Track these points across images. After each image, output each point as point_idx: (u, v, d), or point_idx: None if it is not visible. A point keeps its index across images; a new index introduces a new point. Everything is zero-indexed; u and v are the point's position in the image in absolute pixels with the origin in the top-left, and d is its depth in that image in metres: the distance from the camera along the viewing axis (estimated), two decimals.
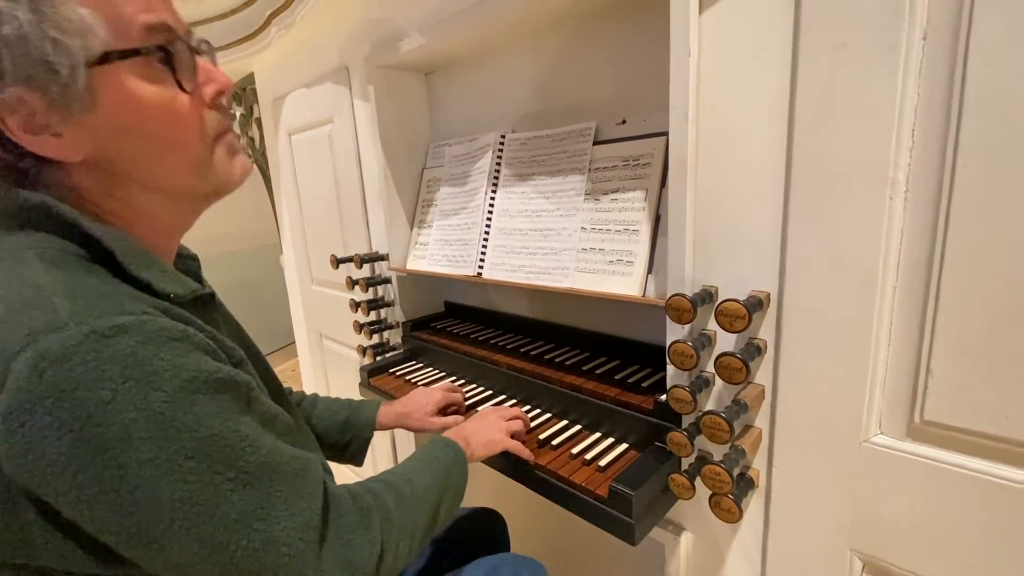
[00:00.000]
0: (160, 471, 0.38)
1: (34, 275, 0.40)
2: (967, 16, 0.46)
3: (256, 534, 0.42)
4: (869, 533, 0.60)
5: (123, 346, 0.38)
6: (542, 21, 0.94)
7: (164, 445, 0.38)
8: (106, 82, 0.44)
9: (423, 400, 0.93)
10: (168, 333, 0.40)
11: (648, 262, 0.78)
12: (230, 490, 0.41)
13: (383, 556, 0.51)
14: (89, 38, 0.42)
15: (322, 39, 1.36)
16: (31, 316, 0.37)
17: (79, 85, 0.42)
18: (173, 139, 0.48)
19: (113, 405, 0.37)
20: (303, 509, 0.46)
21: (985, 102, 0.46)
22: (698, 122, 0.63)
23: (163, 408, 0.38)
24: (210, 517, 0.40)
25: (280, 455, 0.46)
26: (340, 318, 1.57)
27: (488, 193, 1.04)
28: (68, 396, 0.36)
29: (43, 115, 0.42)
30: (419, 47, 1.05)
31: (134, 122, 0.46)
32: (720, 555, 0.75)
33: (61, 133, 0.44)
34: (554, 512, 1.00)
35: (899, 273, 0.53)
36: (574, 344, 1.06)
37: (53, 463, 0.36)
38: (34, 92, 0.41)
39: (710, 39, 0.61)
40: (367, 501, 0.53)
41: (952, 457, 0.53)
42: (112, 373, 0.37)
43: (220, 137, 0.52)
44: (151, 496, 0.38)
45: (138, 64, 0.45)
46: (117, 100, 0.45)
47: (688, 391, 0.65)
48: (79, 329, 0.37)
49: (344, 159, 1.40)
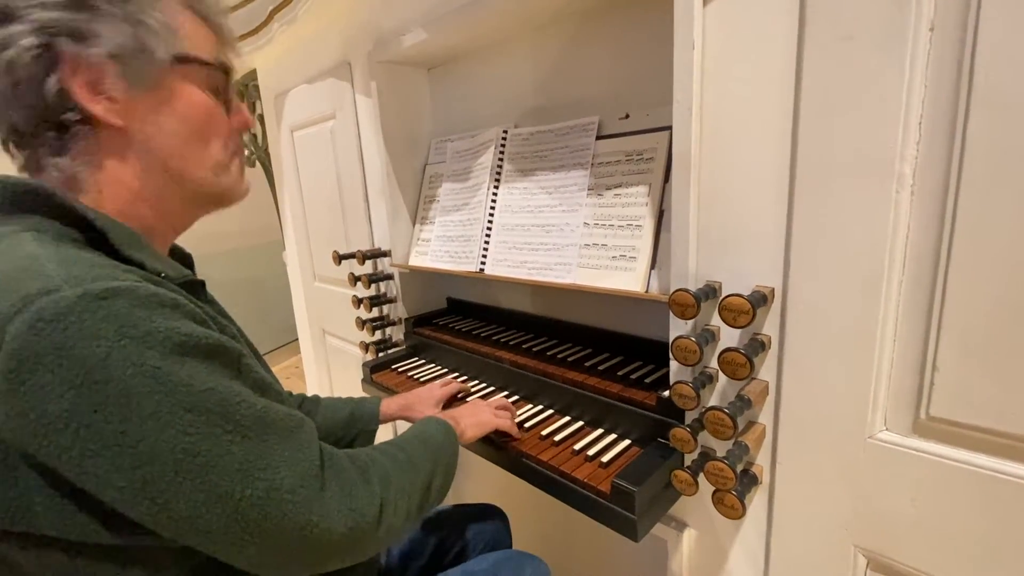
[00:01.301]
0: (161, 424, 0.39)
1: (28, 248, 0.42)
2: (975, 7, 0.45)
3: (259, 483, 0.43)
4: (873, 529, 0.59)
5: (117, 307, 0.39)
6: (545, 15, 0.93)
7: (163, 400, 0.39)
8: (174, 74, 0.52)
9: (426, 393, 0.96)
10: (159, 299, 0.42)
11: (651, 257, 0.78)
12: (229, 441, 0.42)
13: (383, 510, 0.52)
14: (182, 41, 0.52)
15: (324, 35, 1.36)
16: (25, 282, 0.39)
17: (155, 68, 0.50)
18: (205, 136, 0.55)
19: (110, 361, 0.38)
20: (301, 460, 0.47)
21: (993, 95, 0.45)
22: (702, 116, 0.63)
23: (160, 364, 0.40)
24: (213, 467, 0.41)
25: (275, 412, 0.47)
26: (343, 314, 1.57)
27: (490, 189, 1.03)
28: (67, 354, 0.37)
29: (111, 81, 0.48)
30: (421, 42, 1.04)
31: (182, 111, 0.53)
32: (723, 551, 0.75)
33: (117, 99, 0.49)
34: (556, 508, 1.00)
35: (905, 268, 0.53)
36: (577, 340, 1.05)
37: (56, 420, 0.37)
38: (115, 61, 0.48)
39: (714, 32, 0.60)
40: (364, 460, 0.55)
41: (957, 453, 0.52)
42: (107, 331, 0.38)
43: (236, 154, 0.60)
44: (154, 449, 0.39)
45: (203, 75, 0.54)
46: (175, 90, 0.52)
47: (691, 387, 0.65)
48: (73, 291, 0.38)
49: (346, 155, 1.40)
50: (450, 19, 0.97)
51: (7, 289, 0.38)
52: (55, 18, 0.45)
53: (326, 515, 0.47)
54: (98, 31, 0.47)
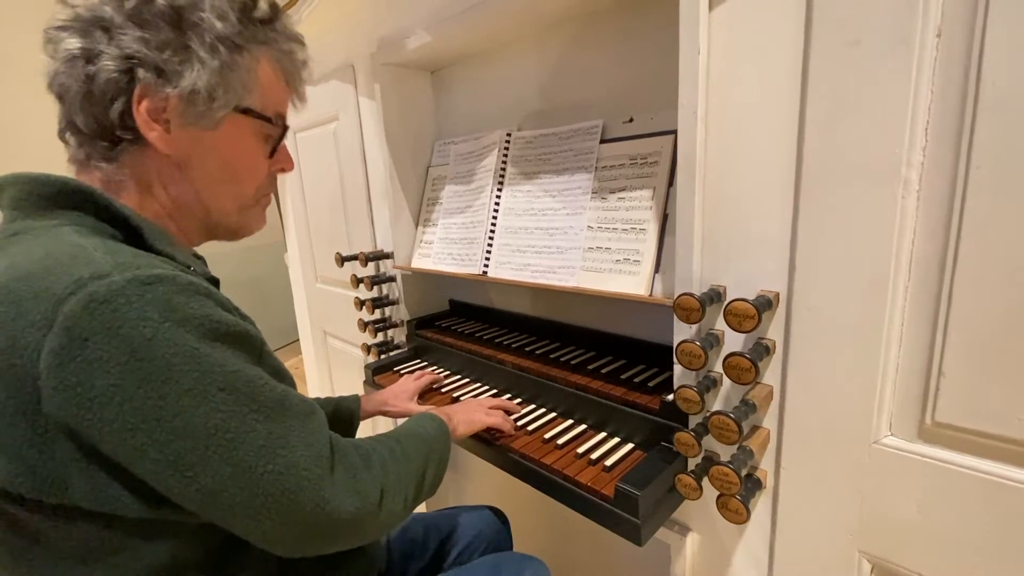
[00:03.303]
0: (196, 401, 0.42)
1: (74, 239, 0.46)
2: (982, 13, 0.45)
3: (279, 459, 0.46)
4: (878, 535, 0.59)
5: (160, 292, 0.42)
6: (549, 18, 0.93)
7: (200, 377, 0.43)
8: (234, 123, 0.57)
9: (400, 388, 1.00)
10: (195, 288, 0.45)
11: (655, 261, 0.78)
12: (255, 420, 0.46)
13: (384, 495, 0.55)
14: (247, 97, 0.57)
15: (328, 37, 1.36)
16: (77, 267, 0.41)
17: (216, 115, 0.55)
18: (240, 178, 0.61)
19: (154, 341, 0.41)
20: (314, 441, 0.50)
21: (1000, 101, 0.45)
22: (707, 120, 0.63)
23: (197, 345, 0.43)
24: (240, 444, 0.44)
25: (293, 396, 0.51)
26: (344, 316, 1.57)
27: (494, 191, 1.03)
28: (115, 332, 0.40)
29: (172, 114, 0.53)
30: (425, 45, 1.04)
31: (228, 153, 0.58)
32: (727, 556, 0.75)
33: (172, 131, 0.53)
34: (558, 511, 1.00)
35: (911, 273, 0.53)
36: (580, 343, 1.05)
37: (101, 394, 0.40)
38: (184, 100, 0.52)
39: (720, 36, 0.60)
40: (366, 449, 0.58)
41: (963, 459, 0.52)
42: (152, 314, 0.41)
43: (264, 197, 0.66)
44: (188, 424, 0.42)
45: (259, 126, 0.60)
46: (230, 136, 0.57)
47: (696, 391, 0.65)
48: (122, 276, 0.41)
49: (349, 157, 1.40)
50: (454, 22, 0.97)
51: (60, 272, 0.41)
52: (147, 53, 0.50)
53: (335, 495, 0.50)
54: (183, 73, 0.51)
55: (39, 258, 0.43)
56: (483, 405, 0.89)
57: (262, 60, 0.58)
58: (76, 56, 0.50)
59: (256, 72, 0.57)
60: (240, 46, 0.55)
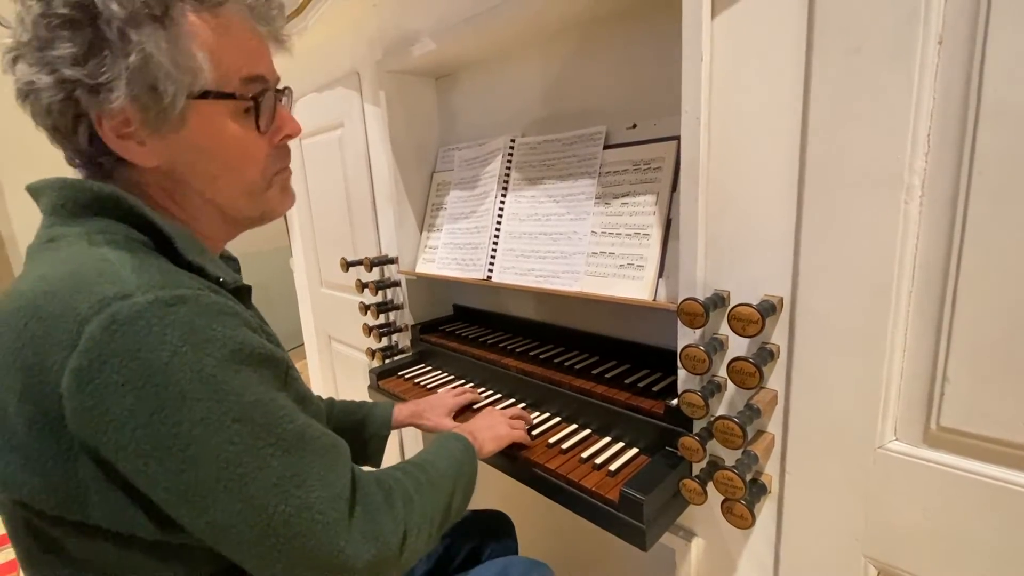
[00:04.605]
0: (209, 431, 0.41)
1: (103, 252, 0.45)
2: (983, 20, 0.45)
3: (293, 499, 0.44)
4: (884, 540, 0.59)
5: (182, 314, 0.41)
6: (553, 26, 0.94)
7: (214, 407, 0.41)
8: (198, 112, 0.50)
9: (438, 401, 0.96)
10: (220, 307, 0.44)
11: (659, 266, 0.78)
12: (270, 455, 0.44)
13: (406, 536, 0.52)
14: (198, 76, 0.48)
15: (334, 44, 1.37)
16: (102, 285, 0.41)
17: (176, 110, 0.48)
18: (237, 167, 0.55)
19: (171, 367, 0.40)
20: (334, 481, 0.48)
21: (1002, 107, 0.45)
22: (710, 126, 0.63)
23: (215, 371, 0.41)
24: (252, 479, 0.42)
25: (314, 429, 0.48)
26: (349, 321, 1.58)
27: (498, 197, 1.04)
28: (134, 355, 0.39)
29: (136, 126, 0.48)
30: (430, 52, 1.05)
31: (210, 147, 0.52)
32: (732, 561, 0.75)
33: (145, 142, 0.50)
34: (563, 516, 1.00)
35: (915, 278, 0.53)
36: (584, 348, 1.06)
37: (117, 417, 0.39)
38: (136, 107, 0.47)
39: (722, 44, 0.61)
40: (389, 484, 0.55)
41: (969, 464, 0.52)
42: (172, 337, 0.40)
43: (279, 173, 0.59)
44: (200, 455, 0.41)
45: (229, 105, 0.52)
46: (202, 128, 0.51)
47: (700, 395, 0.65)
48: (145, 297, 0.40)
49: (354, 163, 1.41)
50: (459, 29, 0.98)
51: (85, 291, 0.41)
52: (71, 72, 0.44)
53: (351, 541, 0.47)
54: (110, 82, 0.45)
55: (68, 273, 0.42)
56: (505, 417, 0.85)
57: (195, 23, 0.48)
58: (25, 93, 0.47)
59: (191, 43, 0.47)
60: (156, 18, 0.45)
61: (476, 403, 1.02)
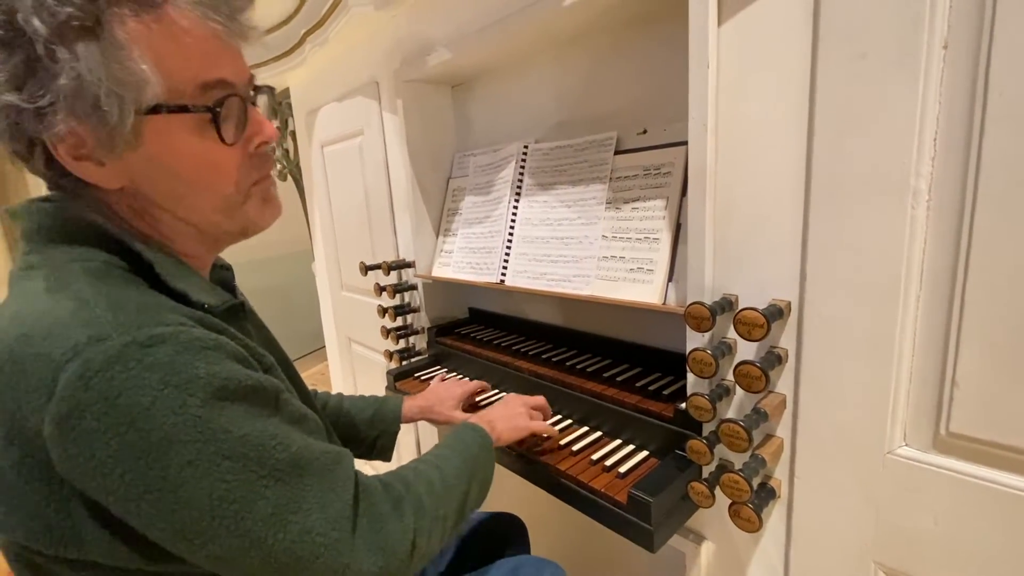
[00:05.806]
0: (200, 471, 0.40)
1: (79, 288, 0.43)
2: (988, 25, 0.45)
3: (291, 527, 0.44)
4: (893, 546, 0.59)
5: (161, 355, 0.40)
6: (565, 35, 0.96)
7: (203, 448, 0.40)
8: (153, 128, 0.46)
9: (445, 394, 0.96)
10: (202, 343, 0.42)
11: (668, 270, 0.79)
12: (264, 486, 0.43)
13: (416, 542, 0.52)
14: (145, 90, 0.44)
15: (353, 55, 1.42)
16: (77, 329, 0.40)
17: (126, 128, 0.44)
18: (205, 184, 0.50)
19: (153, 410, 0.39)
20: (333, 500, 0.47)
21: (1008, 111, 0.45)
22: (717, 132, 0.64)
23: (200, 412, 0.40)
24: (248, 513, 0.42)
25: (310, 451, 0.47)
26: (368, 323, 1.62)
27: (511, 202, 1.06)
28: (113, 402, 0.38)
29: (90, 146, 0.45)
30: (446, 61, 1.08)
31: (171, 165, 0.48)
32: (741, 565, 0.75)
33: (104, 163, 0.46)
34: (574, 518, 1.00)
35: (923, 282, 0.53)
36: (596, 351, 1.06)
37: (102, 464, 0.39)
38: (85, 128, 0.44)
39: (728, 51, 0.62)
40: (398, 490, 0.55)
41: (979, 470, 0.52)
42: (152, 380, 0.39)
43: (258, 183, 0.55)
44: (192, 495, 0.40)
45: (185, 118, 0.47)
46: (159, 145, 0.47)
47: (707, 399, 0.65)
48: (120, 339, 0.39)
49: (373, 170, 1.45)
50: (474, 39, 1.00)
51: (58, 335, 0.40)
52: (9, 100, 0.42)
53: (356, 557, 0.47)
54: (51, 104, 0.42)
55: (42, 313, 0.41)
56: (527, 406, 0.84)
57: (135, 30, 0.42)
58: None
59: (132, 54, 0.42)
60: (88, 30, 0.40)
61: (484, 390, 1.03)
